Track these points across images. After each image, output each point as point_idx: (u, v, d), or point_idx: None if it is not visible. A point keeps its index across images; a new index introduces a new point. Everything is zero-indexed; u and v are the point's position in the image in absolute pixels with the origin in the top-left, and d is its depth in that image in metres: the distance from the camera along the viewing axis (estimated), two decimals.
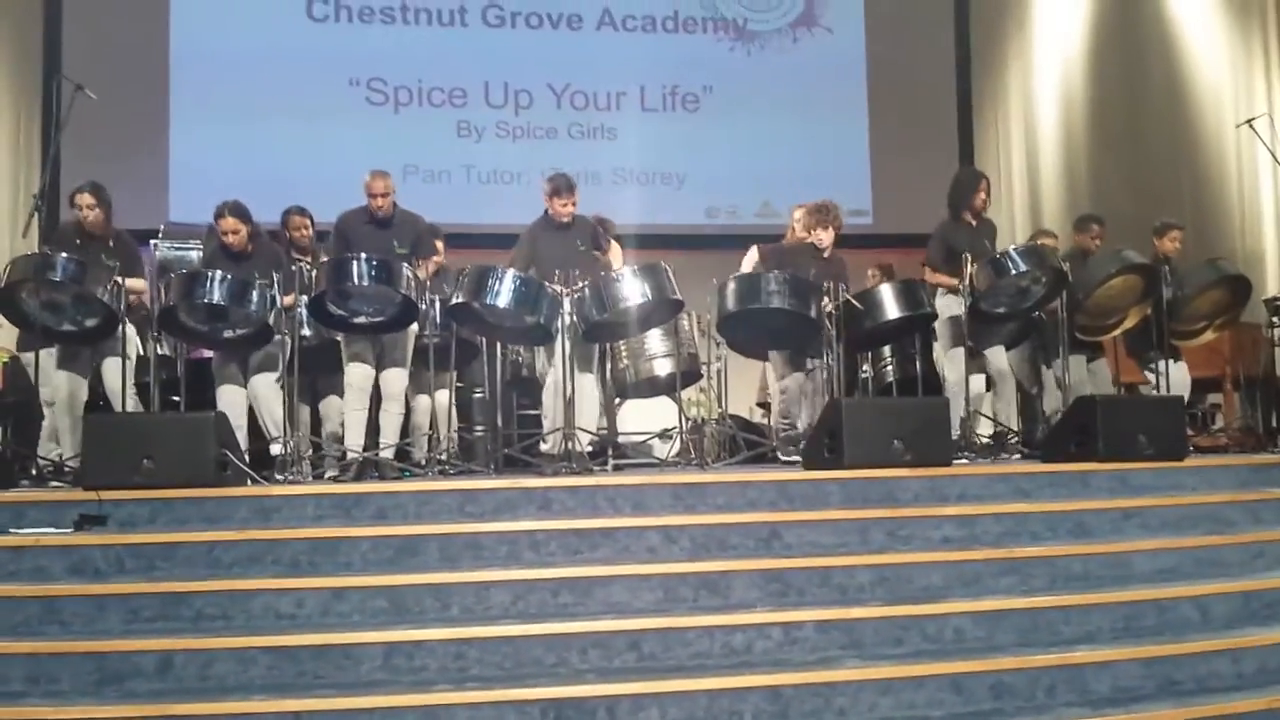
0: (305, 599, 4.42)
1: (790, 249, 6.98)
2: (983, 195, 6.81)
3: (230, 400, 6.20)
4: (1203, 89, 11.81)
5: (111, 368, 6.19)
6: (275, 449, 6.03)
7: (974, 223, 6.82)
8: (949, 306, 6.61)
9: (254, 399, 6.23)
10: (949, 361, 6.73)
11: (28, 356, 6.47)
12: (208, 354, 6.76)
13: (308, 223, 7.14)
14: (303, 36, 11.19)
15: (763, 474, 5.46)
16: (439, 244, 7.04)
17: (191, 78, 10.82)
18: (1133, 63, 12.01)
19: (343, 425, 6.36)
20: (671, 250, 7.85)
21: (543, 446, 6.37)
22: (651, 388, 7.48)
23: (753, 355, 7.41)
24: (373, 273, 5.98)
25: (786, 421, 6.71)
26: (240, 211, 6.24)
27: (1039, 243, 7.07)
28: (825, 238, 6.69)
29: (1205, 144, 11.67)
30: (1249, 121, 8.18)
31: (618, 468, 6.29)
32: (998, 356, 6.80)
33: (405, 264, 6.12)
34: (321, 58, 11.09)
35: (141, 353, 6.78)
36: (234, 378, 6.27)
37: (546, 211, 6.61)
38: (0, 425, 6.73)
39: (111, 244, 6.31)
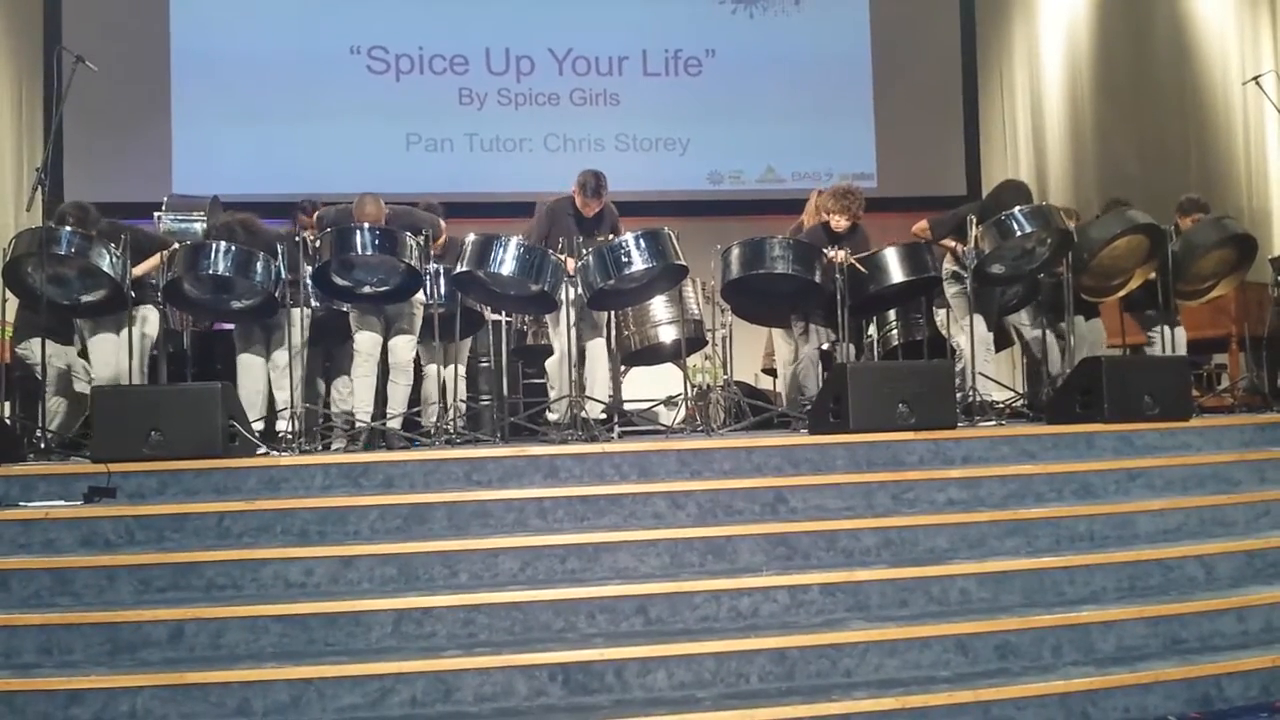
0: (315, 568, 4.46)
1: (811, 237, 6.84)
2: None
3: (251, 374, 6.25)
4: (1208, 46, 11.71)
5: (100, 344, 6.19)
6: (283, 421, 6.06)
7: None
8: (959, 278, 6.50)
9: (273, 371, 6.27)
10: (964, 331, 6.59)
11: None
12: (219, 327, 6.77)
13: (312, 223, 7.03)
14: (303, 5, 11.13)
15: (768, 439, 5.47)
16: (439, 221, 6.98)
17: (193, 49, 10.79)
18: (1138, 21, 11.91)
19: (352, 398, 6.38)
20: (675, 216, 7.83)
21: (551, 416, 6.38)
22: (656, 355, 7.49)
23: (757, 321, 7.40)
24: (376, 242, 5.98)
25: (805, 398, 6.67)
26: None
27: (1046, 203, 7.00)
28: (843, 224, 6.64)
29: (1211, 102, 11.60)
30: (1255, 79, 8.11)
31: (624, 435, 6.31)
32: (978, 326, 6.63)
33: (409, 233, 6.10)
34: (322, 26, 11.05)
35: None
36: (254, 351, 6.29)
37: (574, 197, 6.52)
38: (7, 400, 6.74)
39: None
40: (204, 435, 5.04)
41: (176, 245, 6.08)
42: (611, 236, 6.37)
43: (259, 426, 5.96)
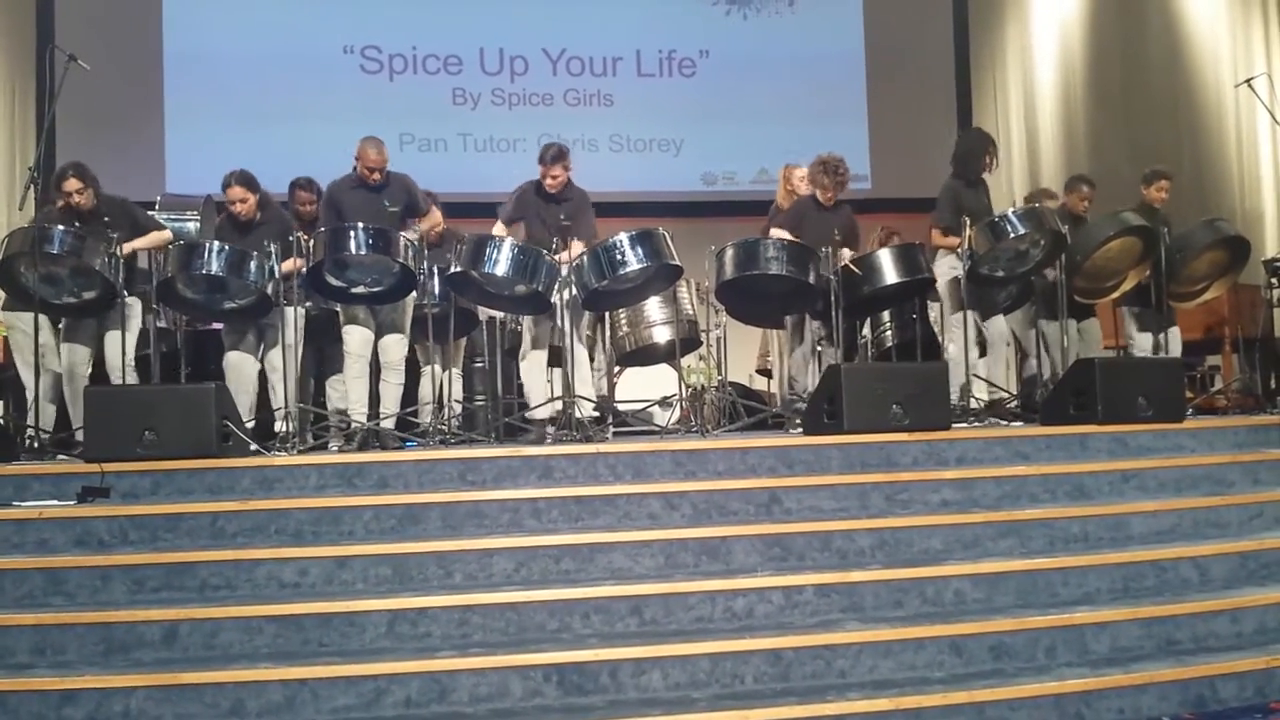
0: (309, 568, 4.45)
1: (797, 209, 6.90)
2: (987, 160, 6.68)
3: (239, 372, 6.22)
4: (1201, 48, 11.75)
5: (113, 341, 6.17)
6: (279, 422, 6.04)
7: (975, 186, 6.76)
8: (952, 269, 6.54)
9: (270, 373, 6.25)
10: (953, 327, 6.63)
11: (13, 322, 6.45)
12: (213, 326, 6.74)
13: (313, 197, 7.07)
14: (297, 5, 11.11)
15: (762, 440, 5.47)
16: (434, 209, 6.98)
17: (186, 48, 10.76)
18: (1131, 23, 11.95)
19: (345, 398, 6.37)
20: (668, 217, 7.82)
21: (538, 414, 6.35)
22: (651, 355, 7.49)
23: (752, 322, 7.40)
24: (370, 242, 5.96)
25: (794, 392, 6.68)
26: (246, 180, 6.24)
27: (1039, 204, 7.02)
28: (832, 196, 6.69)
29: (1204, 104, 11.63)
30: (1248, 81, 8.14)
31: (618, 435, 6.30)
32: (997, 325, 6.72)
33: (399, 225, 6.09)
34: (315, 26, 11.02)
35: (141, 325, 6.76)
36: (243, 349, 6.27)
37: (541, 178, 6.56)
38: (0, 399, 6.72)
39: (106, 218, 6.20)
40: (198, 435, 5.02)
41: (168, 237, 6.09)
42: (567, 221, 6.33)
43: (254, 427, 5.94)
